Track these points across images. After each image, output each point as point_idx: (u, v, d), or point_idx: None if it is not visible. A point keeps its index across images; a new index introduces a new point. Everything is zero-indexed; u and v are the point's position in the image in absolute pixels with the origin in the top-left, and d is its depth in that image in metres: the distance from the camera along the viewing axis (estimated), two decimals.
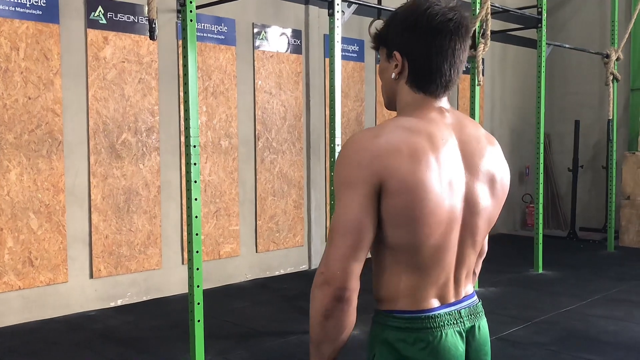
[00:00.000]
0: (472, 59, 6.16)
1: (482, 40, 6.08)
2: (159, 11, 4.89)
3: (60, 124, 5.33)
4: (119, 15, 5.68)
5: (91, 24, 5.52)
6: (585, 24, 9.78)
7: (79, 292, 5.51)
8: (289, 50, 7.04)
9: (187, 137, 4.13)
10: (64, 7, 5.35)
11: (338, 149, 4.93)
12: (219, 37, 6.41)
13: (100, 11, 5.56)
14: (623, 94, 9.35)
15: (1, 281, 5.05)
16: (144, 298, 5.91)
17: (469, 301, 1.66)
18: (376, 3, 6.63)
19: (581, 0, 9.89)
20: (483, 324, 1.68)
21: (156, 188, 5.97)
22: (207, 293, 4.95)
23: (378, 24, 1.64)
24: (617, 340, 4.75)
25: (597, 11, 9.71)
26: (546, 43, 7.16)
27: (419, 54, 1.57)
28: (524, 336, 4.83)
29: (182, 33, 4.14)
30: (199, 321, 4.17)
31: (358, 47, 7.67)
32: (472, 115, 6.17)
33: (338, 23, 5.00)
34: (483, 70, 6.45)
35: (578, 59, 9.54)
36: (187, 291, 4.24)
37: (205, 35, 6.26)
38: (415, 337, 1.56)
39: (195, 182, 4.14)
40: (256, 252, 6.83)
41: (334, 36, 4.98)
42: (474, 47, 6.08)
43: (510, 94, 9.99)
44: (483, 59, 6.32)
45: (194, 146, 4.13)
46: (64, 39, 5.36)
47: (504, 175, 1.66)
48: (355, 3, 5.41)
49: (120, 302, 5.75)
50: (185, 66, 4.14)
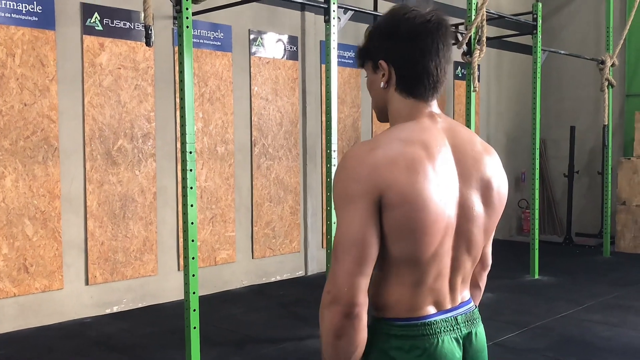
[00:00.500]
0: (468, 65, 6.17)
1: (478, 46, 6.10)
2: (155, 18, 4.90)
3: (56, 131, 5.32)
4: (115, 21, 5.68)
5: (87, 31, 5.52)
6: (580, 30, 9.82)
7: (75, 299, 5.49)
8: (285, 56, 7.05)
9: (183, 143, 4.13)
10: (60, 14, 5.35)
11: (334, 155, 4.93)
12: (215, 44, 6.42)
13: (96, 17, 5.57)
14: (618, 100, 9.39)
15: None
16: (140, 305, 5.89)
17: (466, 307, 1.65)
18: (372, 9, 6.65)
19: (576, 6, 9.94)
20: (480, 331, 1.67)
21: (152, 194, 5.96)
22: (203, 299, 4.94)
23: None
24: (613, 345, 4.76)
25: (592, 17, 9.75)
26: (541, 49, 7.19)
27: (404, 58, 1.58)
28: (520, 342, 4.83)
29: (179, 39, 4.14)
30: (195, 328, 4.16)
31: (354, 54, 7.68)
32: (468, 120, 6.18)
33: (334, 29, 5.02)
34: (479, 76, 6.48)
35: (573, 65, 9.56)
36: (183, 298, 4.23)
37: (201, 41, 6.27)
38: (411, 344, 1.55)
39: (191, 189, 4.14)
40: (252, 258, 6.82)
41: (330, 42, 4.99)
42: (470, 54, 6.10)
43: (505, 100, 10.01)
44: (479, 65, 6.35)
45: (190, 152, 4.13)
46: (60, 46, 5.36)
47: (501, 184, 1.66)
48: (351, 9, 5.42)
49: (116, 309, 5.73)
50: (181, 72, 4.14)
